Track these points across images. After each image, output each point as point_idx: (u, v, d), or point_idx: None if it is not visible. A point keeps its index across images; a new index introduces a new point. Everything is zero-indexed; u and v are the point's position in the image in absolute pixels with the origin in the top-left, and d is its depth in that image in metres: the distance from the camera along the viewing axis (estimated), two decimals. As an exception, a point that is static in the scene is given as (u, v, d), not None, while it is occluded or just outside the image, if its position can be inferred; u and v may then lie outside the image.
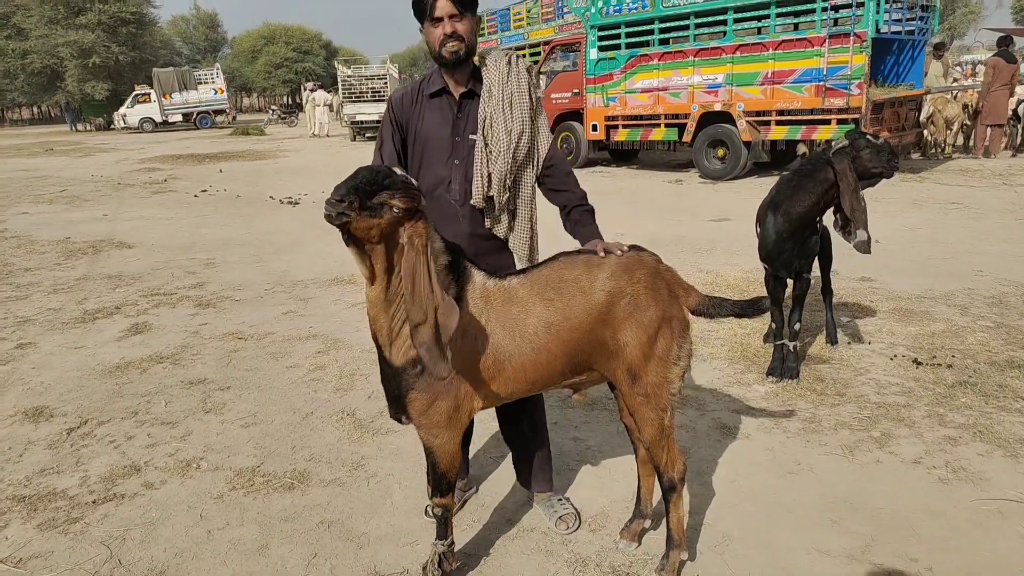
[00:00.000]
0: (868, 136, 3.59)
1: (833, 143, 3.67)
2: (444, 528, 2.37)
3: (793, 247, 3.79)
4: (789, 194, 3.71)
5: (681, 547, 2.40)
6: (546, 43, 15.40)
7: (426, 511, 2.77)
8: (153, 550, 2.66)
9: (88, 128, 38.93)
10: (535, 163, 2.53)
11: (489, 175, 2.45)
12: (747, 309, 2.40)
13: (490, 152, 2.43)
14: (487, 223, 2.54)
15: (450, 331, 1.93)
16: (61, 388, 4.16)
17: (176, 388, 4.10)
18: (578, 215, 2.55)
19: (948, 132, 12.53)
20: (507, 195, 2.50)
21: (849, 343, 4.37)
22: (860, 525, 2.65)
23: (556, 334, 2.17)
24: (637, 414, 2.30)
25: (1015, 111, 12.52)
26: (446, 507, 2.34)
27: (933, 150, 12.83)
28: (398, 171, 1.96)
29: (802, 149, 11.62)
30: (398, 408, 2.22)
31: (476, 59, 2.50)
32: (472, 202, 2.48)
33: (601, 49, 12.71)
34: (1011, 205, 8.40)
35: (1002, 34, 13.16)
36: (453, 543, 2.41)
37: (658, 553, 2.48)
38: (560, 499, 2.82)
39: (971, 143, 12.57)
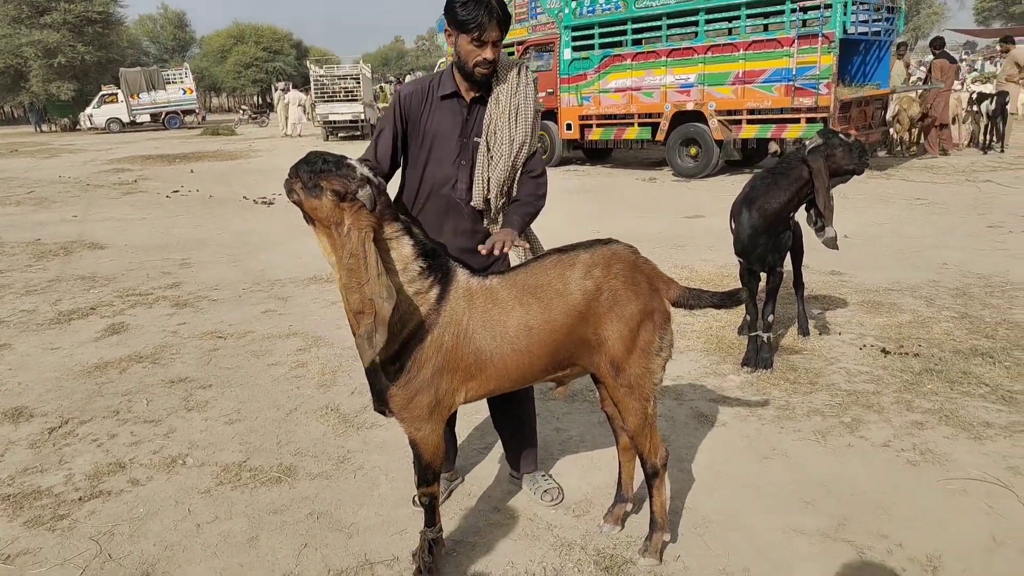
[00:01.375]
0: (840, 135, 3.72)
1: (807, 142, 3.78)
2: (432, 515, 2.42)
3: (767, 242, 3.90)
4: (764, 191, 3.82)
5: (664, 529, 2.48)
6: (520, 43, 15.46)
7: (413, 500, 2.82)
8: (143, 544, 2.68)
9: (53, 129, 38.20)
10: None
11: (489, 179, 2.53)
12: (725, 300, 2.47)
13: (491, 157, 2.51)
14: (484, 223, 2.62)
15: (384, 320, 1.98)
16: (39, 389, 4.13)
17: (157, 387, 4.10)
18: (513, 208, 2.60)
19: (913, 131, 12.86)
20: (503, 200, 2.58)
21: (820, 334, 4.50)
22: (833, 506, 2.75)
23: (537, 336, 2.22)
24: (621, 404, 2.36)
25: (976, 107, 12.87)
26: (433, 495, 2.39)
27: (898, 148, 13.14)
28: (351, 161, 2.04)
29: (774, 147, 11.83)
30: (381, 402, 2.27)
31: None
32: (472, 203, 2.56)
33: (575, 49, 12.82)
34: (974, 201, 8.65)
35: (937, 36, 13.60)
36: (442, 530, 2.46)
37: (640, 536, 2.55)
38: (544, 475, 2.95)
39: (925, 143, 12.93)
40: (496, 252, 2.37)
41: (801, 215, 4.03)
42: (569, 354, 2.29)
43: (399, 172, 2.66)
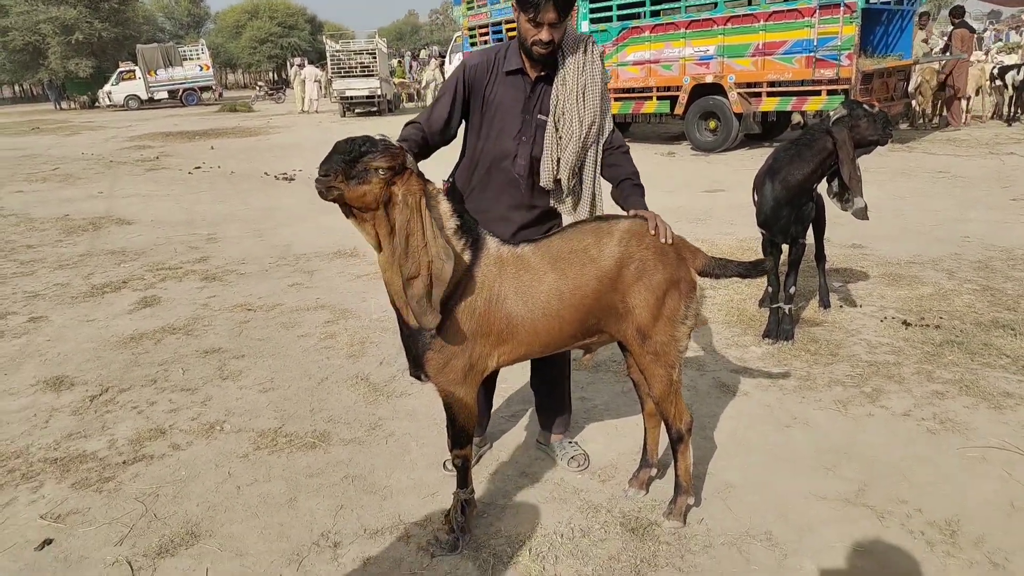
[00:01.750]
0: (864, 106, 3.72)
1: (831, 113, 3.79)
2: (464, 477, 2.51)
3: (790, 213, 3.93)
4: (787, 162, 3.85)
5: (688, 493, 2.56)
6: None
7: (444, 465, 2.93)
8: (186, 505, 2.80)
9: (72, 106, 38.44)
10: (599, 146, 2.64)
11: (558, 160, 2.55)
12: (751, 270, 2.53)
13: (560, 137, 2.54)
14: (551, 201, 2.66)
15: (444, 281, 2.03)
16: (78, 359, 4.27)
17: (192, 357, 4.22)
18: (629, 188, 2.63)
19: (936, 102, 12.72)
20: (575, 180, 2.62)
21: (841, 306, 4.53)
22: (853, 472, 2.82)
23: (567, 301, 2.29)
24: (647, 371, 2.43)
25: (1002, 80, 12.68)
26: (466, 457, 2.48)
27: (920, 120, 12.99)
28: (380, 136, 2.06)
29: (797, 119, 11.73)
30: (417, 366, 2.35)
31: None
32: (542, 183, 2.58)
33: (593, 22, 12.72)
34: (996, 173, 8.57)
35: (957, 4, 13.32)
36: (473, 491, 2.56)
37: (664, 500, 2.64)
38: (571, 442, 3.05)
39: (948, 114, 12.77)
40: (664, 239, 2.35)
41: (822, 187, 4.05)
42: (597, 320, 2.36)
43: (455, 142, 2.69)
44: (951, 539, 2.43)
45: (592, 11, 12.65)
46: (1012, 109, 12.78)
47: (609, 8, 12.44)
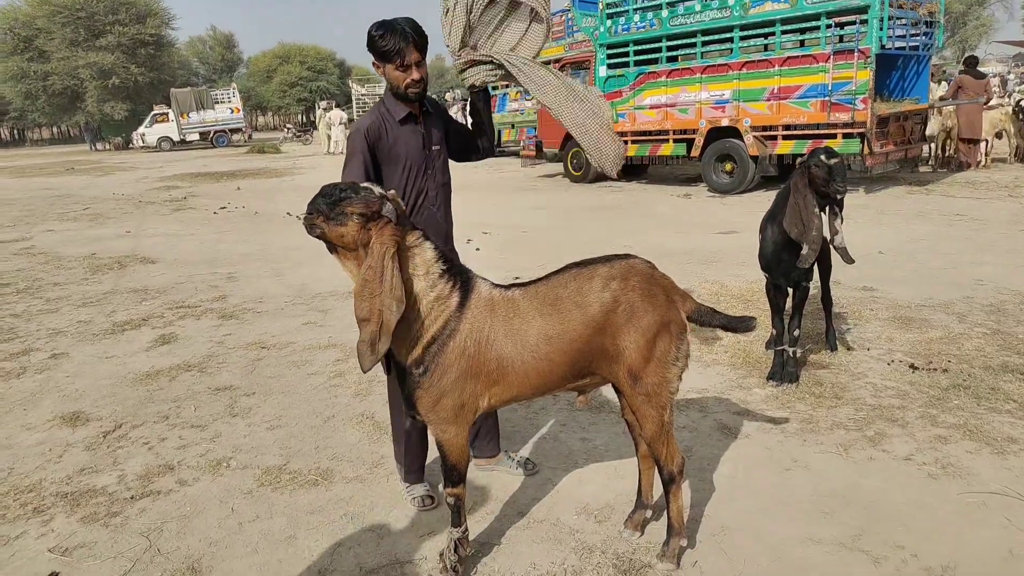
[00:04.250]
0: (823, 155, 3.76)
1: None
2: (458, 516, 2.54)
3: (790, 257, 3.96)
4: (782, 206, 3.90)
5: (681, 535, 2.57)
6: (556, 61, 15.66)
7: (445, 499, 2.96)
8: (189, 540, 2.86)
9: (107, 147, 39.66)
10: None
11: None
12: (735, 323, 2.56)
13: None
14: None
15: (388, 332, 2.16)
16: (95, 395, 4.38)
17: (204, 394, 4.32)
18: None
19: (948, 144, 12.81)
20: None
21: (849, 349, 4.53)
22: (851, 517, 2.81)
23: (556, 345, 2.34)
24: (639, 412, 2.47)
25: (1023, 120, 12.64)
26: (458, 496, 2.52)
27: (933, 163, 13.02)
28: (365, 185, 2.23)
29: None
30: (409, 405, 2.42)
31: None
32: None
33: (610, 67, 12.97)
34: (1014, 216, 8.52)
35: (970, 55, 13.53)
36: (467, 530, 2.59)
37: (659, 541, 2.65)
38: (511, 453, 3.34)
39: (959, 155, 12.82)
40: None
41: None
42: (588, 363, 2.41)
43: None
44: (947, 586, 2.41)
45: (609, 56, 12.91)
46: (1033, 151, 12.74)
47: (627, 54, 12.68)
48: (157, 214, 12.33)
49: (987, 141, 12.70)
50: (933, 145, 12.79)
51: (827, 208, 3.88)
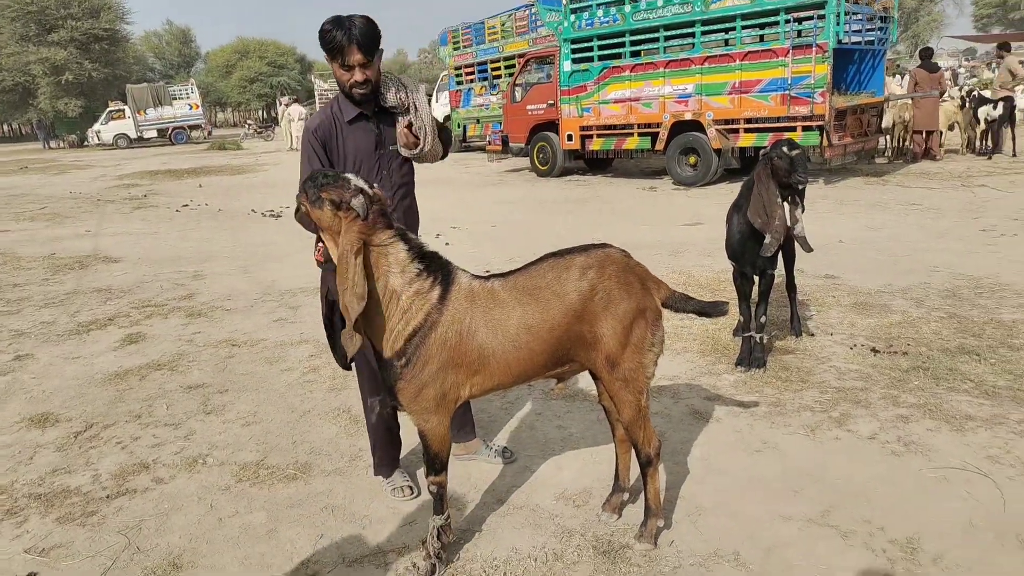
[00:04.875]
0: (785, 147, 3.88)
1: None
2: (440, 504, 2.58)
3: (755, 246, 4.06)
4: (747, 197, 4.00)
5: (658, 515, 2.65)
6: (521, 56, 15.72)
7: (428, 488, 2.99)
8: (168, 537, 2.85)
9: (61, 145, 38.65)
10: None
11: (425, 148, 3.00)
12: (708, 308, 2.64)
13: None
14: None
15: (348, 328, 2.22)
16: (63, 396, 4.32)
17: (176, 393, 4.28)
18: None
19: (903, 136, 13.16)
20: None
21: (812, 334, 4.66)
22: (819, 494, 2.91)
23: (536, 334, 2.39)
24: (616, 397, 2.53)
25: (973, 113, 13.03)
26: (441, 484, 2.55)
27: (889, 154, 13.37)
28: (346, 175, 2.27)
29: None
30: (391, 395, 2.44)
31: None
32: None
33: (575, 61, 13.05)
34: (967, 205, 8.81)
35: (925, 47, 13.85)
36: (450, 517, 2.63)
37: (637, 523, 2.72)
38: (488, 442, 3.39)
39: (911, 145, 13.16)
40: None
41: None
42: (567, 351, 2.46)
43: None
44: (912, 556, 2.52)
45: (574, 51, 12.99)
46: (983, 143, 13.13)
47: (591, 48, 12.77)
48: (118, 213, 12.09)
49: (940, 133, 13.07)
50: (889, 137, 13.12)
51: (788, 198, 3.98)
